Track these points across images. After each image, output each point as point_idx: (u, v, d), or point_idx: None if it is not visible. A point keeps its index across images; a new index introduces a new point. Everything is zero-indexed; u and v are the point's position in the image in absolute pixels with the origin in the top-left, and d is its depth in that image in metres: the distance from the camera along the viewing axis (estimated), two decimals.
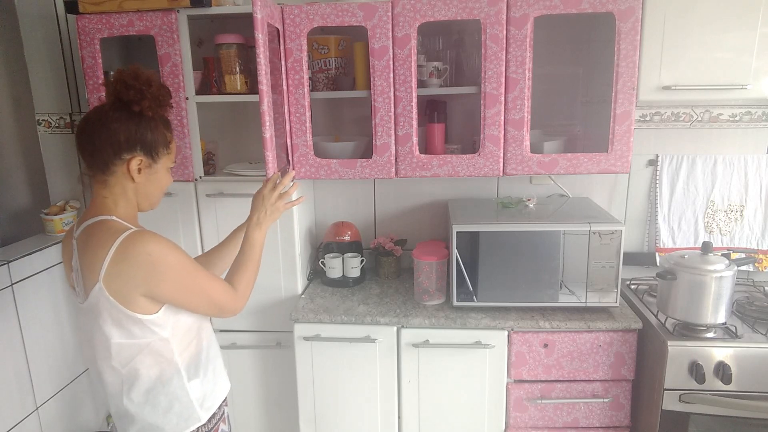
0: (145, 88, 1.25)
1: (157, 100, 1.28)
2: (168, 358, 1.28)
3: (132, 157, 1.26)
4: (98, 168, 1.26)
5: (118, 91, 1.25)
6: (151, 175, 1.31)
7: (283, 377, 2.17)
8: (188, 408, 1.33)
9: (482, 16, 1.80)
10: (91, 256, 1.20)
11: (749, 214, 2.18)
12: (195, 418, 1.34)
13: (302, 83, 1.89)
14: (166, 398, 1.30)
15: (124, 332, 1.23)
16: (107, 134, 1.23)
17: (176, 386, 1.31)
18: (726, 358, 1.72)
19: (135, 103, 1.25)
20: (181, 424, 1.33)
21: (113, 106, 1.26)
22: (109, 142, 1.24)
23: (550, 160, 1.91)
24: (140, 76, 1.25)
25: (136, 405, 1.29)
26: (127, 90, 1.24)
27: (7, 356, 1.74)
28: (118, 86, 1.25)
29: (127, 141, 1.25)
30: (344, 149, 2.05)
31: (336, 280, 2.21)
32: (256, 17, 1.53)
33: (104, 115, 1.25)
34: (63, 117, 2.31)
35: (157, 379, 1.29)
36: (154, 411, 1.30)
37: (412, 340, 1.93)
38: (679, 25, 1.81)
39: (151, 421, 1.30)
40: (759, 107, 2.13)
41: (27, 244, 1.97)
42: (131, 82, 1.24)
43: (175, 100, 1.83)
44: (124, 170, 1.26)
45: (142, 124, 1.26)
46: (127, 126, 1.24)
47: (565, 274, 1.89)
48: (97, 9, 1.84)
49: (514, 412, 1.96)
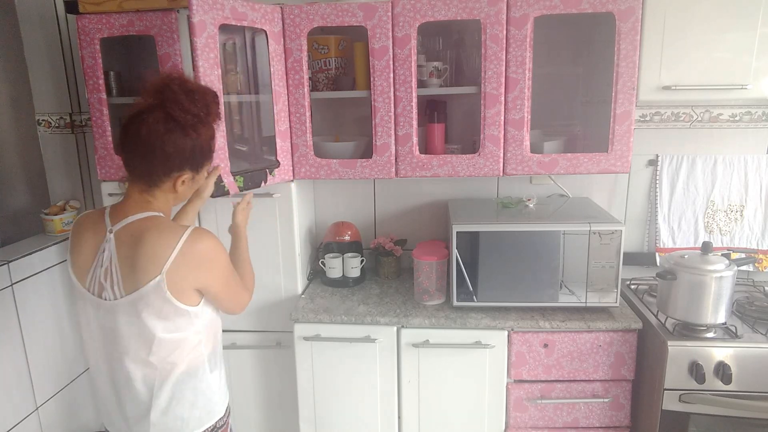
0: (203, 115, 1.26)
1: (212, 128, 1.31)
2: (198, 350, 1.32)
3: (180, 176, 1.28)
4: (144, 182, 1.28)
5: (171, 109, 1.22)
6: (192, 185, 1.35)
7: (283, 377, 2.17)
8: (210, 401, 1.36)
9: (482, 16, 1.80)
10: (151, 252, 1.20)
11: (749, 214, 2.18)
12: (216, 411, 1.38)
13: (302, 83, 1.89)
14: (193, 392, 1.32)
15: (170, 325, 1.25)
16: (162, 157, 1.24)
17: (201, 378, 1.33)
18: (726, 358, 1.72)
19: (191, 129, 1.25)
20: (204, 418, 1.35)
21: (166, 124, 1.22)
22: (162, 165, 1.25)
23: (550, 160, 1.91)
24: (198, 100, 1.24)
25: (165, 400, 1.29)
26: (184, 114, 1.23)
27: (7, 356, 1.74)
28: (174, 107, 1.22)
29: (180, 162, 1.27)
30: (344, 149, 2.05)
31: (336, 280, 2.21)
32: (192, 22, 1.55)
33: (157, 136, 1.22)
34: (63, 117, 2.31)
35: (186, 372, 1.30)
36: (180, 405, 1.31)
37: (412, 340, 1.93)
38: (679, 25, 1.81)
39: (177, 415, 1.31)
40: (759, 107, 2.13)
41: (27, 244, 1.97)
42: (188, 107, 1.23)
43: None
44: (170, 185, 1.29)
45: (196, 147, 1.28)
46: (182, 150, 1.25)
47: (565, 274, 1.89)
48: (97, 9, 1.85)
49: (514, 412, 1.96)
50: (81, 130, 2.34)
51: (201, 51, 1.61)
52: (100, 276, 1.26)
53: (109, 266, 1.24)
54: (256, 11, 1.77)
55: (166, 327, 1.25)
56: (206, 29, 1.62)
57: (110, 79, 1.99)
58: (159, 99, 1.23)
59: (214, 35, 1.64)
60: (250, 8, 1.75)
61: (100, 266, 1.26)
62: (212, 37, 1.63)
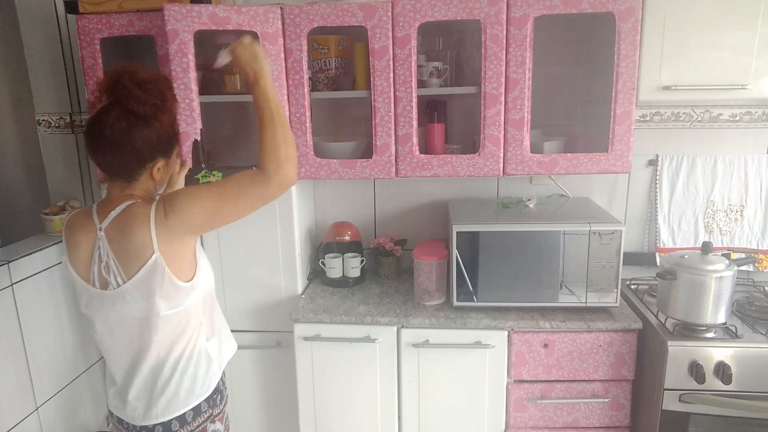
0: (160, 102, 1.27)
1: (170, 111, 1.32)
2: (195, 322, 1.38)
3: (154, 164, 1.32)
4: (122, 178, 1.32)
5: (131, 107, 1.25)
6: (167, 169, 1.38)
7: (283, 377, 2.17)
8: (211, 368, 1.42)
9: (482, 16, 1.80)
10: (139, 237, 1.25)
11: (749, 214, 2.18)
12: (215, 377, 1.45)
13: (302, 83, 1.89)
14: (192, 364, 1.38)
15: (171, 302, 1.31)
16: (132, 153, 1.27)
17: (199, 349, 1.40)
18: (726, 358, 1.72)
19: (153, 118, 1.28)
20: (204, 386, 1.41)
21: (127, 120, 1.25)
22: (134, 158, 1.28)
23: (550, 160, 1.91)
24: (151, 89, 1.26)
25: (167, 377, 1.36)
26: (142, 106, 1.25)
27: (7, 356, 1.74)
28: (130, 102, 1.25)
29: (150, 153, 1.30)
30: (344, 149, 2.05)
31: (336, 280, 2.21)
32: (165, 30, 1.65)
33: (122, 133, 1.25)
34: (63, 117, 2.30)
35: (186, 347, 1.37)
36: (183, 379, 1.37)
37: (412, 340, 1.93)
38: (679, 25, 1.81)
39: (180, 389, 1.37)
40: (759, 107, 2.13)
41: (27, 244, 1.97)
42: (144, 97, 1.25)
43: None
44: (147, 175, 1.33)
45: (161, 134, 1.31)
46: (149, 140, 1.28)
47: (565, 274, 1.89)
48: (97, 9, 1.85)
49: (514, 412, 1.96)
50: (81, 130, 2.34)
51: (173, 56, 1.76)
52: (101, 271, 1.31)
53: (107, 261, 1.30)
54: (243, 14, 1.77)
55: (168, 304, 1.31)
56: (179, 36, 1.75)
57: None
58: (114, 96, 1.26)
59: (187, 41, 1.75)
60: (236, 12, 1.77)
61: (98, 262, 1.31)
62: (185, 44, 1.75)
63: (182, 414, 1.38)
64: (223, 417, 1.51)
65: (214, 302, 1.50)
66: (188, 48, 1.74)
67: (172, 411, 1.37)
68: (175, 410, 1.37)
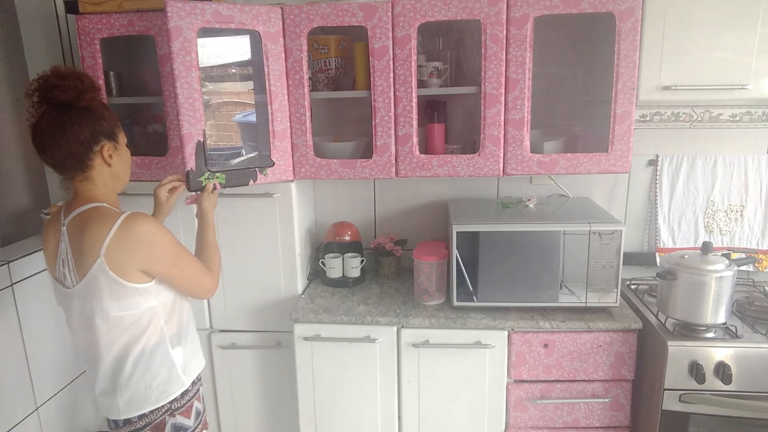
0: (79, 83, 1.32)
1: (93, 89, 1.35)
2: (156, 326, 1.39)
3: (101, 146, 1.35)
4: (78, 169, 1.35)
5: (55, 96, 1.30)
6: (120, 155, 1.41)
7: (283, 377, 2.17)
8: (172, 374, 1.43)
9: (482, 16, 1.80)
10: (91, 237, 1.29)
11: (749, 214, 2.18)
12: (179, 383, 1.45)
13: (302, 83, 1.89)
14: (154, 366, 1.40)
15: (122, 304, 1.33)
16: (73, 138, 1.31)
17: (162, 353, 1.41)
18: (726, 358, 1.72)
19: (79, 99, 1.31)
20: (167, 391, 1.43)
21: (59, 111, 1.31)
22: (77, 143, 1.31)
23: (550, 160, 1.91)
24: (67, 75, 1.31)
25: (127, 376, 1.39)
26: (64, 91, 1.29)
27: (7, 356, 1.74)
28: (54, 92, 1.29)
29: (92, 134, 1.33)
30: (344, 149, 2.05)
31: (336, 280, 2.21)
32: (168, 27, 1.63)
33: (57, 123, 1.30)
34: None
35: (145, 348, 1.39)
36: (142, 379, 1.39)
37: (412, 340, 1.93)
38: (679, 25, 1.81)
39: (139, 388, 1.39)
40: (759, 107, 2.13)
41: (27, 244, 1.97)
42: (62, 83, 1.29)
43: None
44: (100, 160, 1.36)
45: (94, 115, 1.34)
46: (84, 123, 1.32)
47: (565, 274, 1.89)
48: (97, 9, 1.85)
49: (514, 412, 1.96)
50: None
51: (176, 54, 1.70)
52: (61, 266, 1.36)
53: (65, 257, 1.35)
54: (246, 13, 1.77)
55: (120, 305, 1.33)
56: (182, 34, 1.70)
57: (110, 79, 2.00)
58: (39, 95, 1.32)
59: (190, 39, 1.71)
60: (239, 10, 1.76)
61: (60, 258, 1.37)
62: (189, 41, 1.71)
63: (144, 413, 1.42)
64: (189, 412, 1.50)
65: (187, 316, 1.52)
66: (191, 46, 1.72)
67: (133, 409, 1.41)
68: (136, 408, 1.41)
